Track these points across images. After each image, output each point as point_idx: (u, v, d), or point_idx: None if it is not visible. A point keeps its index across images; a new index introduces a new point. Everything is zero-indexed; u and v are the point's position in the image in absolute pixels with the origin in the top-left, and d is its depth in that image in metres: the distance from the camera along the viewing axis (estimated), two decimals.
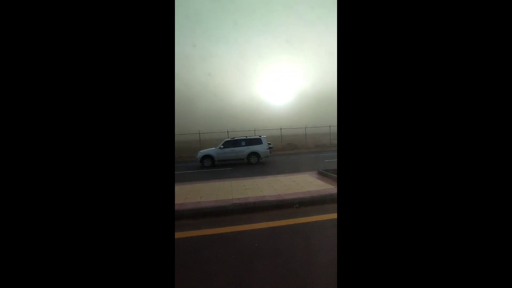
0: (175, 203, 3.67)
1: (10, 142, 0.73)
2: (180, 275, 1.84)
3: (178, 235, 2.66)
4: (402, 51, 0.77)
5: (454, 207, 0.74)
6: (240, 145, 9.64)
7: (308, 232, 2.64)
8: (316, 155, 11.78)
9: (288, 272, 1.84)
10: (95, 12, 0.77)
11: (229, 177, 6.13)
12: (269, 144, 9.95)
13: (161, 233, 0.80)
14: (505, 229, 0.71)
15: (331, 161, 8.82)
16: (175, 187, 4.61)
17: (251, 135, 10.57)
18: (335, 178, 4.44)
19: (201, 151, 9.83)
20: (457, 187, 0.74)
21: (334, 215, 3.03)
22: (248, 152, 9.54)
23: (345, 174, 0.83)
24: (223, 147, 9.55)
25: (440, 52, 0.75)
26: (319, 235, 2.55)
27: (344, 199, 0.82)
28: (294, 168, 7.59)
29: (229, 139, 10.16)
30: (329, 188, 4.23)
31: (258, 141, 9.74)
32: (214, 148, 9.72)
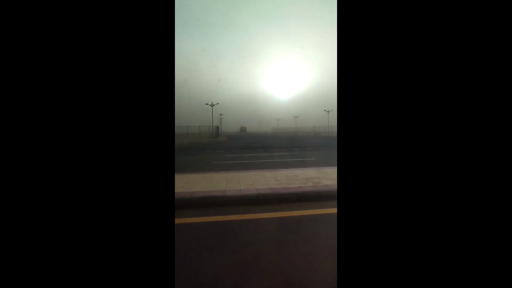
0: None
1: (9, 141, 0.72)
2: None
3: None
4: (403, 51, 0.77)
5: (454, 205, 0.75)
6: None
7: None
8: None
9: None
10: (96, 19, 0.75)
11: None
12: None
13: (160, 229, 0.80)
14: (505, 229, 0.72)
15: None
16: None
17: None
18: None
19: None
20: (457, 186, 0.75)
21: None
22: None
23: (345, 172, 0.83)
24: None
25: (442, 52, 0.75)
26: None
27: (344, 197, 0.83)
28: None
29: None
30: None
31: None
32: None
